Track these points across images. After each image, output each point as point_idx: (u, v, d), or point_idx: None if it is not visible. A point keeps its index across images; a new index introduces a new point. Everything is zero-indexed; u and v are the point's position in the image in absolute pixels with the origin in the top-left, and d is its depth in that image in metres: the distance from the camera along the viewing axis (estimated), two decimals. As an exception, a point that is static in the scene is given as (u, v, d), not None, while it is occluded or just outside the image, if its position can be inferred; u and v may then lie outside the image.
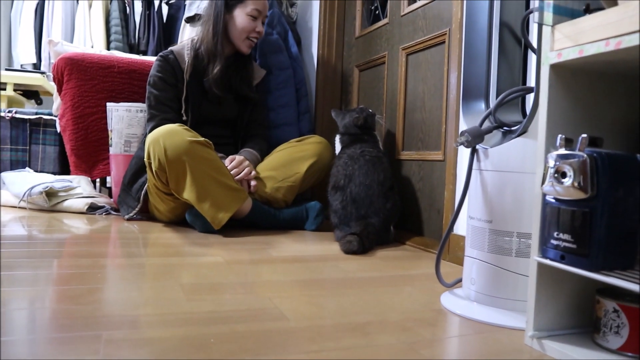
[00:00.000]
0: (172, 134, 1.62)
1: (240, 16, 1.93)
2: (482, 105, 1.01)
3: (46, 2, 4.08)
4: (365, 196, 1.58)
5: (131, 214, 1.87)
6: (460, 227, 1.39)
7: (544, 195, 0.74)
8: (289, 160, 1.92)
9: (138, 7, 4.21)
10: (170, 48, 2.01)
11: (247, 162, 1.83)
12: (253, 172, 1.81)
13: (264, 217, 1.79)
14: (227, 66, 1.97)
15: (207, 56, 1.95)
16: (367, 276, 1.17)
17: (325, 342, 0.74)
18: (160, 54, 1.98)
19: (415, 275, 1.21)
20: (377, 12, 2.17)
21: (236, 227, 1.78)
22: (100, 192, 2.37)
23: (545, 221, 0.74)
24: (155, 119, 1.87)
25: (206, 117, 1.97)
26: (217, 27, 1.93)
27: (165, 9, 4.29)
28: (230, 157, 1.84)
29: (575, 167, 0.67)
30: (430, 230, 1.63)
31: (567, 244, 0.70)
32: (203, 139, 1.66)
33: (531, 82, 1.03)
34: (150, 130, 1.78)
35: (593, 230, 0.66)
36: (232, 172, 1.75)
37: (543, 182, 0.72)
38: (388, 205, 1.59)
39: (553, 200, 0.72)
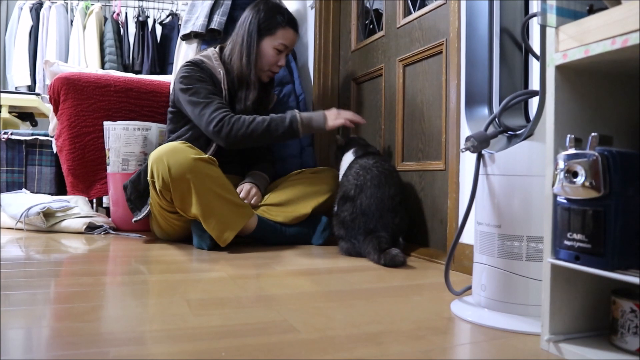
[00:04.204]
0: (175, 152, 1.58)
1: (267, 48, 1.87)
2: (486, 111, 1.01)
3: (40, 25, 4.10)
4: (375, 209, 1.54)
5: (140, 217, 1.80)
6: (465, 236, 1.38)
7: (555, 196, 0.73)
8: (303, 194, 1.85)
9: (132, 27, 4.23)
10: (196, 57, 1.89)
11: (254, 190, 1.82)
12: (256, 198, 1.81)
13: (270, 233, 1.75)
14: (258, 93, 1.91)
15: (238, 82, 1.88)
16: (374, 287, 1.15)
17: (338, 353, 0.72)
18: (189, 60, 1.85)
19: (422, 285, 1.19)
20: (371, 26, 2.18)
21: (241, 243, 1.75)
22: (97, 212, 2.35)
23: (557, 222, 0.73)
24: (213, 103, 1.73)
25: None
26: (250, 56, 1.85)
27: (159, 29, 4.32)
28: (239, 187, 1.83)
29: (587, 167, 0.66)
30: (433, 240, 1.62)
31: (581, 244, 0.69)
32: (207, 156, 1.63)
33: (532, 86, 1.04)
34: (213, 112, 1.70)
35: (607, 229, 0.66)
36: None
37: (553, 184, 0.72)
38: (396, 220, 1.56)
39: (564, 201, 0.71)
